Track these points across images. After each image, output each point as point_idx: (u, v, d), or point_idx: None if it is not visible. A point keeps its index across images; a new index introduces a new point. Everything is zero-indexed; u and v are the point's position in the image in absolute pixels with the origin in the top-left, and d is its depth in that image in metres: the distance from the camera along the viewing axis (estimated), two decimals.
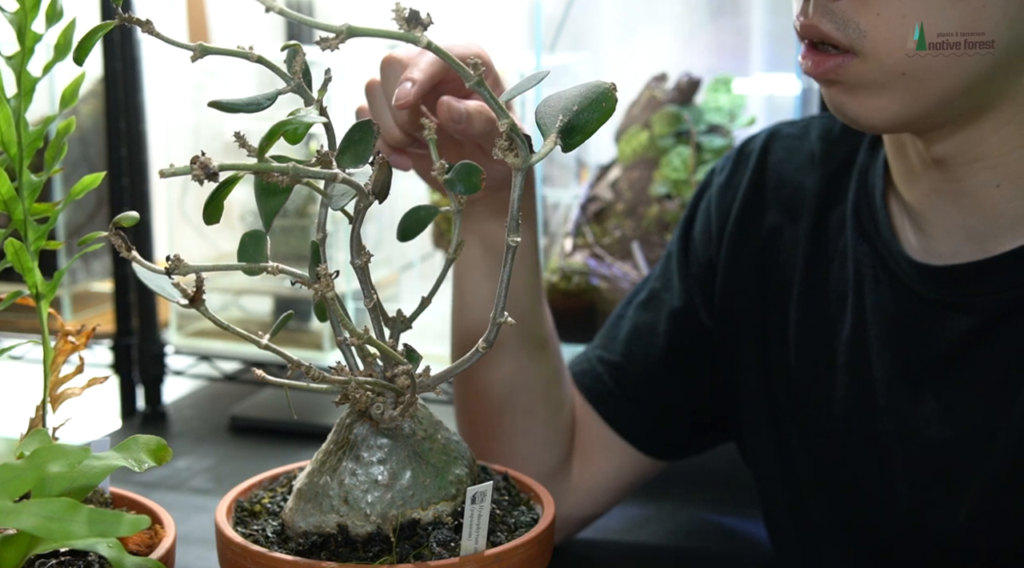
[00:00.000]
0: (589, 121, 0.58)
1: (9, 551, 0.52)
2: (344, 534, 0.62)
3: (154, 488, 1.18)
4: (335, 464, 0.64)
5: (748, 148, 0.99)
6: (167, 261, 0.56)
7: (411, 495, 0.63)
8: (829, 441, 0.89)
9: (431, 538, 0.62)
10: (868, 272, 0.86)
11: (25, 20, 0.62)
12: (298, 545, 0.63)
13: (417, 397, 0.65)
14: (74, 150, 1.60)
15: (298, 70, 0.61)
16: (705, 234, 0.98)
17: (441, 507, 0.63)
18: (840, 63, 0.74)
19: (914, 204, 0.84)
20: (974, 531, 0.80)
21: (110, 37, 1.40)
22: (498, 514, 0.66)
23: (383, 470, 0.63)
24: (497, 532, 0.64)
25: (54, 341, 0.68)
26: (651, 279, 1.02)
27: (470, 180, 0.62)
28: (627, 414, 0.99)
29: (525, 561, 0.62)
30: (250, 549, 0.61)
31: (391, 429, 0.64)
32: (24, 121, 0.64)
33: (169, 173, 0.52)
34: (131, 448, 0.57)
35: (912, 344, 0.83)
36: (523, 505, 0.69)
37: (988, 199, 0.79)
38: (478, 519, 0.61)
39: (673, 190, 1.39)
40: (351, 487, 0.63)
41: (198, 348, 1.54)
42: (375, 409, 0.63)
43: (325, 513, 0.63)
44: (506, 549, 0.61)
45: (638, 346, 0.99)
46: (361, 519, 0.62)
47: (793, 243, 0.92)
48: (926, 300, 0.82)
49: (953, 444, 0.81)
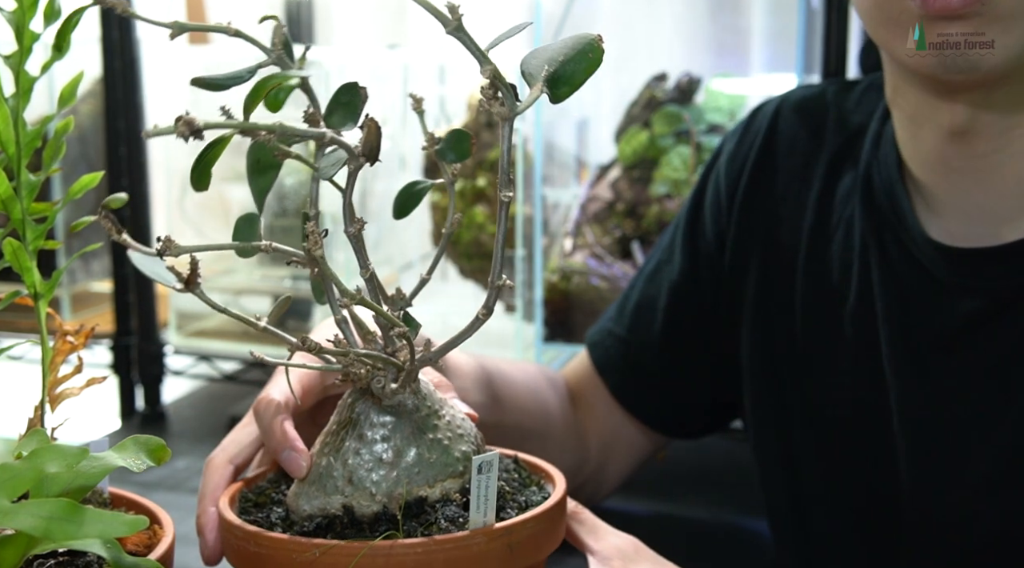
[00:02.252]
0: (576, 72, 0.56)
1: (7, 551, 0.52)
2: (350, 515, 0.61)
3: (153, 488, 1.18)
4: (338, 444, 0.63)
5: (760, 113, 0.97)
6: (158, 242, 0.55)
7: (417, 472, 0.61)
8: (832, 413, 0.88)
9: (439, 515, 0.60)
10: (875, 243, 0.85)
11: (23, 19, 0.62)
12: (303, 528, 0.61)
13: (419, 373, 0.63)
14: (73, 149, 1.60)
15: (278, 42, 0.60)
16: (715, 206, 0.97)
17: (448, 484, 0.62)
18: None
19: (925, 182, 0.82)
20: (975, 514, 0.80)
21: (109, 36, 1.40)
22: (508, 492, 0.64)
23: (387, 448, 0.62)
24: (507, 509, 0.62)
25: (53, 341, 0.67)
26: (660, 249, 1.01)
27: (461, 147, 0.61)
28: (632, 387, 0.99)
29: (536, 536, 0.61)
30: (248, 530, 0.60)
31: (394, 406, 0.63)
32: (22, 120, 0.64)
33: (154, 133, 0.50)
34: (130, 448, 0.57)
35: (918, 321, 0.82)
36: (534, 485, 0.67)
37: (1011, 174, 0.78)
38: (485, 490, 0.59)
39: (673, 190, 1.39)
40: (355, 467, 0.61)
41: (197, 348, 1.54)
42: (375, 383, 0.62)
43: (329, 495, 0.62)
44: (516, 523, 0.60)
45: (641, 319, 0.99)
46: (367, 499, 0.61)
47: (800, 211, 0.91)
48: (936, 279, 0.82)
49: (955, 425, 0.81)
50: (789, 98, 0.96)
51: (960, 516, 0.81)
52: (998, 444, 0.79)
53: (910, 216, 0.83)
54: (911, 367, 0.83)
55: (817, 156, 0.92)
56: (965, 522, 0.81)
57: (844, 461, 0.88)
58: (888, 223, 0.85)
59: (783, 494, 0.93)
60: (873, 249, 0.85)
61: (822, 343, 0.89)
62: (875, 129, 0.88)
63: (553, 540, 0.63)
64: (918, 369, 0.82)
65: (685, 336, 0.98)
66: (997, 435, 0.79)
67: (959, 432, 0.81)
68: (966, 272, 0.80)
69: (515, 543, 0.59)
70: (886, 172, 0.85)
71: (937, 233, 0.82)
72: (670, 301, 0.98)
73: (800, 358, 0.90)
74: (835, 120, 0.92)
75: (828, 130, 0.92)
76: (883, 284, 0.84)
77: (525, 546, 0.60)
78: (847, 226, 0.88)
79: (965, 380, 0.81)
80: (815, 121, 0.93)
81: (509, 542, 0.59)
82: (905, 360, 0.83)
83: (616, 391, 0.99)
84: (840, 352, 0.87)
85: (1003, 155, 0.78)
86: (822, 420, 0.89)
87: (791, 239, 0.91)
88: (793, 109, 0.95)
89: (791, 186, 0.92)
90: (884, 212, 0.85)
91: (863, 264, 0.86)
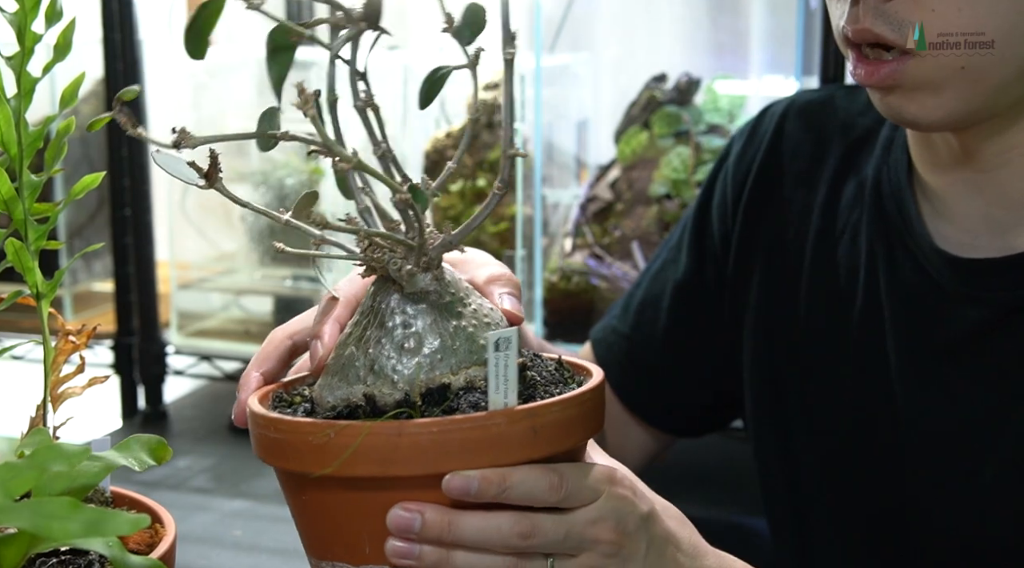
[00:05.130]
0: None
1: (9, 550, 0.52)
2: (372, 403, 0.59)
3: (155, 487, 1.18)
4: (360, 334, 0.61)
5: (767, 115, 0.97)
6: (173, 133, 0.53)
7: (440, 359, 0.59)
8: (833, 417, 0.88)
9: (462, 401, 0.58)
10: (882, 250, 0.85)
11: (25, 20, 0.62)
12: (325, 418, 0.59)
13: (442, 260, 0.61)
14: (75, 150, 1.60)
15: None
16: (721, 207, 0.97)
17: (473, 371, 0.59)
18: (896, 67, 0.72)
19: (935, 188, 0.82)
20: (980, 519, 0.80)
21: (111, 38, 1.40)
22: (540, 383, 0.61)
23: (409, 335, 0.60)
24: (537, 398, 0.59)
25: (55, 341, 0.68)
26: (667, 248, 1.01)
27: (476, 21, 0.58)
28: (634, 384, 0.99)
29: (564, 422, 0.58)
30: (268, 417, 0.59)
31: (416, 294, 0.60)
32: (24, 121, 0.64)
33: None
34: (131, 447, 0.57)
35: (924, 329, 0.83)
36: (575, 384, 0.63)
37: (1016, 189, 0.78)
38: (504, 370, 0.56)
39: (673, 190, 1.39)
40: (377, 355, 0.60)
41: (199, 348, 1.54)
42: (392, 266, 0.59)
43: (352, 384, 0.60)
44: (542, 405, 0.57)
45: (645, 318, 0.99)
46: (389, 386, 0.59)
47: (806, 215, 0.91)
48: (943, 288, 0.82)
49: (958, 434, 0.81)
50: (796, 101, 0.96)
51: (964, 521, 0.81)
52: (1004, 451, 0.79)
53: (917, 224, 0.83)
54: (918, 374, 0.83)
55: (822, 161, 0.92)
56: (969, 527, 0.81)
57: (844, 465, 0.88)
58: (896, 230, 0.85)
59: (783, 495, 0.94)
60: (880, 256, 0.85)
61: (825, 348, 0.89)
62: (886, 134, 0.88)
63: (585, 429, 0.60)
64: (925, 376, 0.82)
65: (688, 335, 0.98)
66: (1003, 442, 0.79)
67: (965, 439, 0.81)
68: (972, 282, 0.80)
69: (540, 426, 0.56)
70: (895, 178, 0.86)
71: (944, 241, 0.82)
72: (674, 300, 0.98)
73: (802, 362, 0.90)
74: (841, 125, 0.92)
75: (834, 135, 0.92)
76: (890, 291, 0.84)
77: (552, 431, 0.57)
78: (853, 232, 0.88)
79: (971, 388, 0.81)
80: (821, 126, 0.93)
81: (533, 425, 0.56)
82: (912, 367, 0.83)
83: (618, 388, 1.00)
84: (843, 357, 0.87)
85: (1005, 173, 0.78)
86: (823, 423, 0.89)
87: (796, 243, 0.91)
88: (799, 113, 0.95)
89: (796, 190, 0.92)
90: (892, 219, 0.85)
91: (870, 270, 0.86)
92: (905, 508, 0.84)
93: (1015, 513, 0.79)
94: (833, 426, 0.88)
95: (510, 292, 0.68)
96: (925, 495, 0.83)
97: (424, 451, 0.55)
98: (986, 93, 0.73)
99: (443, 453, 0.55)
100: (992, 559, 0.81)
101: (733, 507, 1.13)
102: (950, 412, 0.81)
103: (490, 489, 0.55)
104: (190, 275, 1.62)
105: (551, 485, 0.57)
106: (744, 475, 1.00)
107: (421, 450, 0.55)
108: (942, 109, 0.73)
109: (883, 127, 0.89)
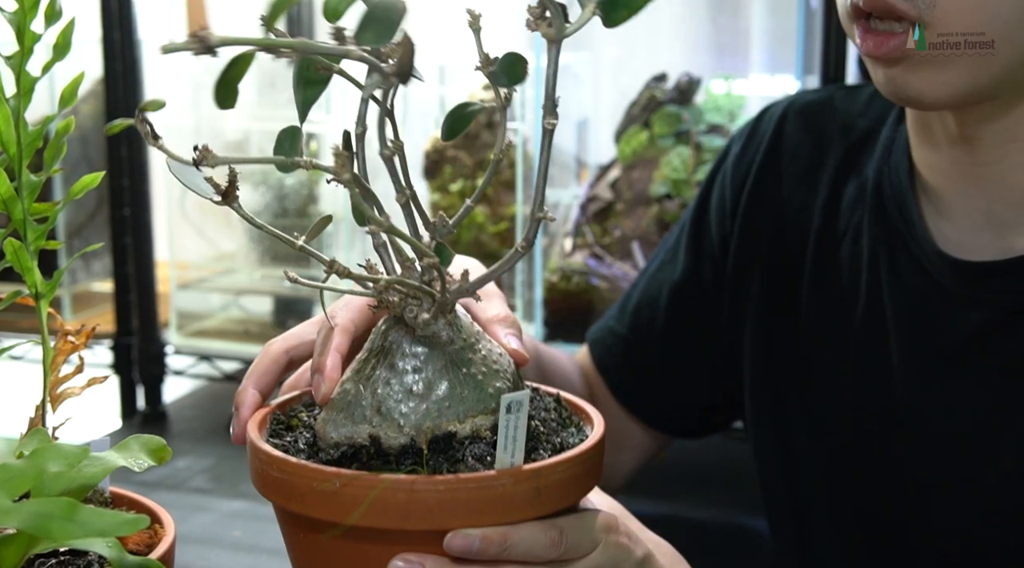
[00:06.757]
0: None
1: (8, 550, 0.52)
2: (376, 445, 0.59)
3: (154, 488, 1.18)
4: (369, 373, 0.61)
5: (766, 116, 0.96)
6: (195, 152, 0.53)
7: (447, 407, 0.59)
8: (833, 418, 0.88)
9: (467, 452, 0.58)
10: (884, 252, 0.85)
11: (24, 20, 0.62)
12: (328, 456, 0.59)
13: (456, 303, 0.61)
14: (74, 150, 1.60)
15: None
16: (720, 208, 0.96)
17: (480, 421, 0.59)
18: (904, 39, 0.72)
19: (936, 186, 0.82)
20: (980, 520, 0.80)
21: (110, 37, 1.40)
22: (543, 433, 0.61)
23: (418, 379, 0.59)
24: (540, 450, 0.59)
25: (54, 341, 0.67)
26: (664, 248, 1.01)
27: (515, 71, 0.57)
28: (632, 385, 0.99)
29: (567, 481, 0.58)
30: (272, 455, 0.58)
31: (428, 337, 0.60)
32: (23, 121, 0.64)
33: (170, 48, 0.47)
34: (131, 448, 0.57)
35: (927, 331, 0.82)
36: (573, 427, 0.64)
37: (1016, 184, 0.78)
38: (514, 430, 0.56)
39: (673, 190, 1.39)
40: (384, 396, 0.59)
41: (198, 348, 1.54)
42: (407, 312, 0.59)
43: (357, 423, 0.59)
44: (546, 465, 0.57)
45: (642, 319, 0.99)
46: (394, 430, 0.58)
47: (806, 217, 0.91)
48: (945, 290, 0.82)
49: (959, 435, 0.81)
50: (795, 102, 0.96)
51: (965, 522, 0.81)
52: (1004, 453, 0.79)
53: (919, 226, 0.83)
54: (919, 375, 0.83)
55: (822, 162, 0.91)
56: (970, 528, 0.81)
57: (845, 465, 0.88)
58: (898, 232, 0.84)
59: (783, 495, 0.93)
60: (882, 257, 0.85)
61: (826, 348, 0.89)
62: (887, 135, 0.88)
63: (586, 485, 0.60)
64: (926, 378, 0.82)
65: (686, 336, 0.98)
66: (1004, 444, 0.79)
67: (966, 441, 0.81)
68: (974, 284, 0.80)
69: (544, 486, 0.57)
70: (897, 180, 0.85)
71: (946, 243, 0.82)
72: (671, 301, 0.98)
73: (803, 363, 0.90)
74: (841, 126, 0.92)
75: (834, 136, 0.92)
76: (892, 293, 0.84)
77: (555, 490, 0.57)
78: (855, 233, 0.88)
79: (973, 390, 0.81)
80: (820, 127, 0.93)
81: (537, 485, 0.56)
82: (913, 368, 0.83)
83: (615, 389, 0.99)
84: (845, 358, 0.87)
85: (1006, 165, 0.78)
86: (823, 424, 0.89)
87: (796, 245, 0.91)
88: (799, 114, 0.94)
89: (796, 192, 0.92)
90: (894, 221, 0.85)
91: (872, 272, 0.86)
92: (905, 508, 0.84)
93: (1015, 514, 0.79)
94: (834, 427, 0.88)
95: (514, 334, 0.68)
96: (925, 496, 0.83)
97: (430, 509, 0.55)
98: (992, 71, 0.72)
99: (448, 511, 0.56)
100: (992, 559, 0.81)
101: (733, 507, 1.13)
102: (951, 414, 0.81)
103: (491, 549, 0.56)
104: (189, 275, 1.63)
105: (551, 542, 0.57)
106: (744, 475, 1.00)
107: (427, 508, 0.55)
108: (948, 85, 0.73)
109: (883, 128, 0.89)
